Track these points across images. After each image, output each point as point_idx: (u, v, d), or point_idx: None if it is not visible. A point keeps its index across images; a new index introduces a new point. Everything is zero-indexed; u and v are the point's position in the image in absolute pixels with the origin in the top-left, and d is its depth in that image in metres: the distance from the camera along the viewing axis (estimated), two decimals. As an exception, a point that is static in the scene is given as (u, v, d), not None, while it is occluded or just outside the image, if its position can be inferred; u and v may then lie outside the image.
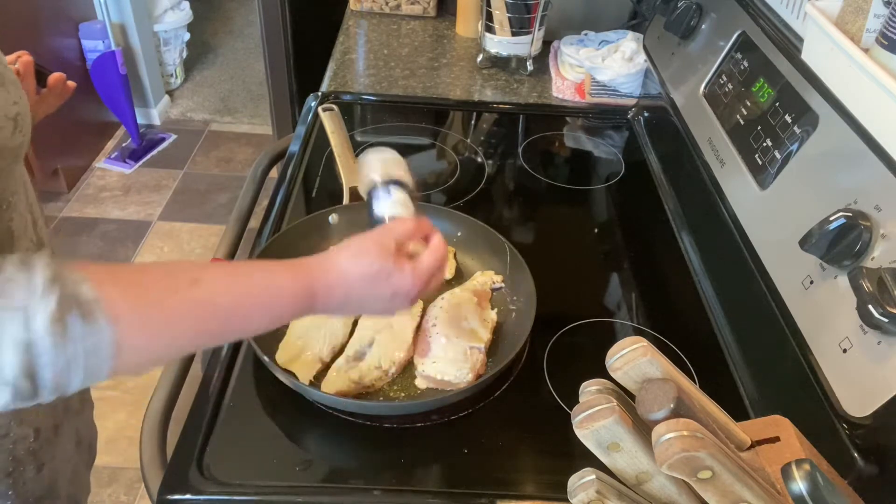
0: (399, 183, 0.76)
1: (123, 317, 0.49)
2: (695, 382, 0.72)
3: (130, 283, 0.52)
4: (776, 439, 0.54)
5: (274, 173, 1.25)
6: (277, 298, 0.59)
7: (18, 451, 0.78)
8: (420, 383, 0.83)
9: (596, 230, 1.15)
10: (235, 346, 0.86)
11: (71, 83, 0.87)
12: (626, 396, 0.52)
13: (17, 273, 0.47)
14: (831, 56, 0.74)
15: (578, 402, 0.52)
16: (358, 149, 1.24)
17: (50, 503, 0.85)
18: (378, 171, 0.77)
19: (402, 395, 0.82)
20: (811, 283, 0.70)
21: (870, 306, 0.57)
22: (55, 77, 0.84)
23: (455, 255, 1.00)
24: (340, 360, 0.83)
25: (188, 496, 0.70)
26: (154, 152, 3.03)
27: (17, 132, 0.67)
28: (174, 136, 3.15)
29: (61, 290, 0.47)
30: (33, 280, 0.46)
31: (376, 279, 0.63)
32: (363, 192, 0.78)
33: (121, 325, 0.49)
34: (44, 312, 0.45)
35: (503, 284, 0.96)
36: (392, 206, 0.74)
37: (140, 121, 3.07)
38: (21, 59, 0.81)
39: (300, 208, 1.12)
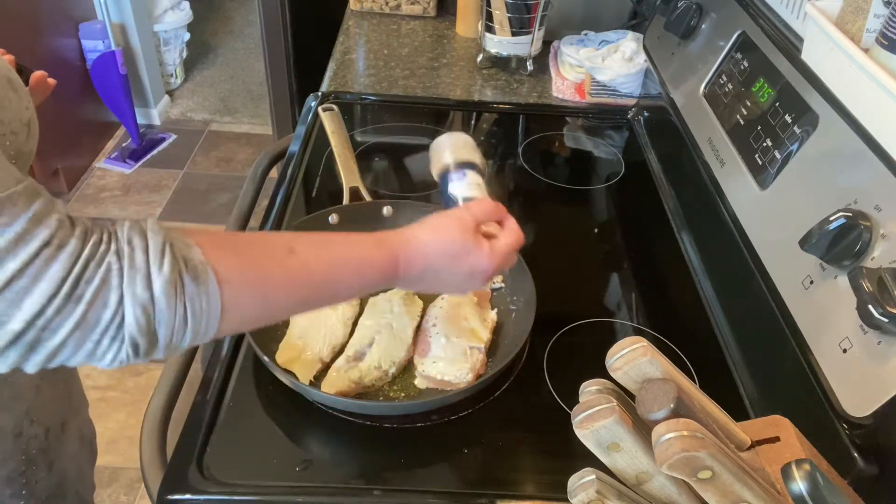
0: (472, 165, 0.78)
1: (230, 280, 0.52)
2: (695, 382, 0.72)
3: (233, 250, 0.55)
4: (776, 439, 0.54)
5: (274, 173, 1.25)
6: (366, 268, 0.62)
7: (31, 451, 0.78)
8: (420, 383, 0.83)
9: (596, 230, 1.15)
10: (235, 346, 0.86)
11: (51, 80, 0.87)
12: (626, 396, 0.52)
13: (135, 236, 0.49)
14: (831, 56, 0.74)
15: (578, 402, 0.52)
16: (358, 149, 1.24)
17: (60, 501, 0.86)
18: (451, 153, 0.78)
19: (402, 395, 0.82)
20: (811, 283, 0.70)
21: (870, 306, 0.57)
22: (37, 76, 0.84)
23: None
24: (340, 360, 0.83)
25: (188, 496, 0.70)
26: (154, 152, 3.03)
27: (30, 137, 0.67)
28: (174, 136, 3.15)
29: (175, 254, 0.49)
30: (150, 243, 0.49)
31: (457, 255, 0.66)
32: (436, 175, 0.80)
33: (228, 288, 0.51)
34: (162, 274, 0.48)
35: (503, 284, 0.96)
36: (467, 187, 0.76)
37: (140, 121, 3.07)
38: (4, 58, 0.80)
39: (300, 208, 1.12)
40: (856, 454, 0.63)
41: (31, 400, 0.78)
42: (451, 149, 0.79)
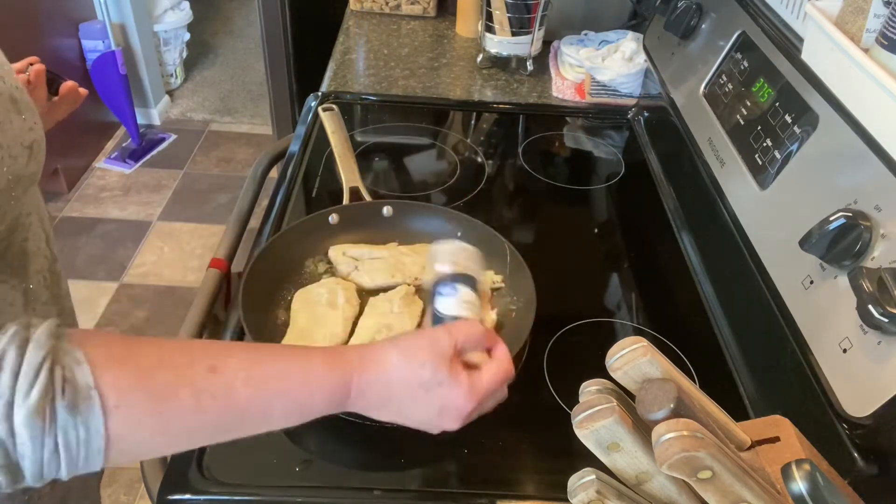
0: (468, 280, 0.68)
1: (120, 407, 0.45)
2: (695, 382, 0.72)
3: (137, 367, 0.47)
4: (776, 439, 0.54)
5: (274, 173, 1.25)
6: (307, 394, 0.53)
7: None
8: (420, 383, 0.83)
9: (596, 230, 1.15)
10: (235, 346, 0.86)
11: (83, 90, 0.86)
12: (626, 396, 0.52)
13: (11, 351, 0.43)
14: (831, 56, 0.74)
15: (578, 402, 0.52)
16: (358, 149, 1.24)
17: None
18: (447, 262, 0.69)
19: (402, 395, 0.82)
20: (811, 283, 0.70)
21: (870, 306, 0.57)
22: (67, 86, 0.83)
23: (455, 255, 1.00)
24: (340, 360, 0.83)
25: (188, 496, 0.70)
26: (154, 152, 3.03)
27: (31, 160, 0.64)
28: (174, 136, 3.15)
29: (52, 374, 0.43)
30: (26, 360, 0.43)
31: (425, 387, 0.56)
32: (427, 285, 0.71)
33: (115, 417, 0.45)
34: (27, 402, 0.42)
35: (503, 284, 0.96)
36: (457, 305, 0.66)
37: (140, 121, 3.07)
38: (34, 68, 0.79)
39: (300, 208, 1.12)
40: (856, 454, 0.63)
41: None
42: (447, 258, 0.69)
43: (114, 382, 0.45)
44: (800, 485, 0.47)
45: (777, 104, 0.85)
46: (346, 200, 1.05)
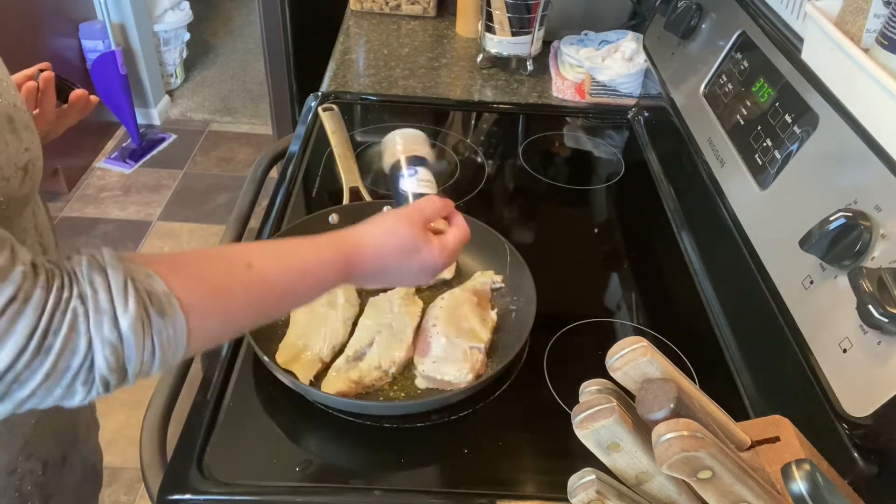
0: (423, 161, 0.80)
1: (194, 306, 0.52)
2: (695, 382, 0.72)
3: (192, 273, 0.55)
4: (776, 439, 0.54)
5: (274, 173, 1.25)
6: (322, 271, 0.63)
7: (25, 487, 0.76)
8: (420, 383, 0.83)
9: (596, 230, 1.15)
10: (235, 346, 0.86)
11: (94, 98, 0.86)
12: (626, 396, 0.52)
13: (96, 275, 0.49)
14: (831, 56, 0.74)
15: (578, 402, 0.52)
16: (358, 149, 1.24)
17: None
18: (402, 149, 0.80)
19: (402, 395, 0.82)
20: (811, 283, 0.70)
21: (870, 306, 0.57)
22: (77, 94, 0.82)
23: (455, 255, 1.00)
24: (340, 360, 0.83)
25: (188, 496, 0.70)
26: (154, 152, 3.03)
27: (26, 180, 0.64)
28: (174, 136, 3.15)
29: (137, 288, 0.49)
30: (111, 281, 0.49)
31: (408, 253, 0.68)
32: (387, 168, 0.81)
33: (192, 314, 0.52)
34: (128, 312, 0.48)
35: (503, 284, 0.96)
36: (417, 184, 0.78)
37: (140, 121, 3.07)
38: (42, 75, 0.79)
39: (300, 208, 1.12)
40: (856, 454, 0.63)
41: (27, 435, 0.75)
42: (402, 145, 0.80)
43: (182, 288, 0.52)
44: (800, 485, 0.47)
45: (777, 104, 0.85)
46: (346, 200, 1.05)
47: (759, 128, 0.88)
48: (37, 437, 0.77)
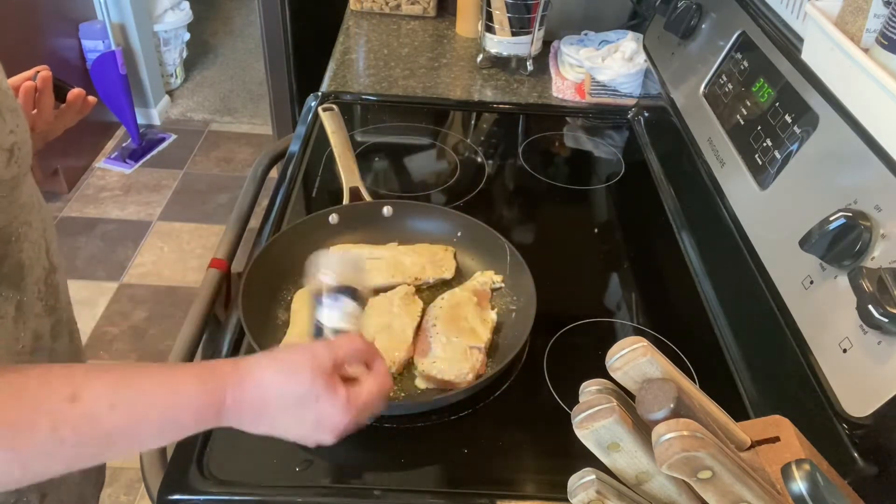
0: (350, 291, 0.67)
1: None
2: (695, 382, 0.72)
3: None
4: (776, 439, 0.54)
5: (274, 173, 1.25)
6: (174, 413, 0.52)
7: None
8: (420, 383, 0.83)
9: (596, 230, 1.15)
10: (235, 346, 0.86)
11: (91, 98, 0.85)
12: (626, 396, 0.52)
13: None
14: (831, 56, 0.74)
15: (578, 402, 0.52)
16: (358, 149, 1.24)
17: None
18: (330, 273, 0.67)
19: (402, 395, 0.82)
20: (811, 283, 0.70)
21: (870, 306, 0.57)
22: (74, 94, 0.82)
23: (455, 255, 1.00)
24: (340, 360, 0.83)
25: (188, 496, 0.70)
26: (154, 152, 3.03)
27: (12, 163, 0.62)
28: (174, 136, 3.15)
29: None
30: None
31: (302, 402, 0.55)
32: (310, 292, 0.70)
33: None
34: None
35: (503, 284, 0.96)
36: (338, 317, 0.65)
37: (140, 121, 3.07)
38: (40, 75, 0.79)
39: (300, 208, 1.12)
40: (856, 454, 0.63)
41: None
42: (329, 268, 0.68)
43: None
44: (800, 485, 0.47)
45: (777, 104, 0.85)
46: (346, 200, 1.05)
47: (759, 128, 0.88)
48: None
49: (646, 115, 1.40)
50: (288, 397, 0.55)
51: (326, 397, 0.56)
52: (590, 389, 0.54)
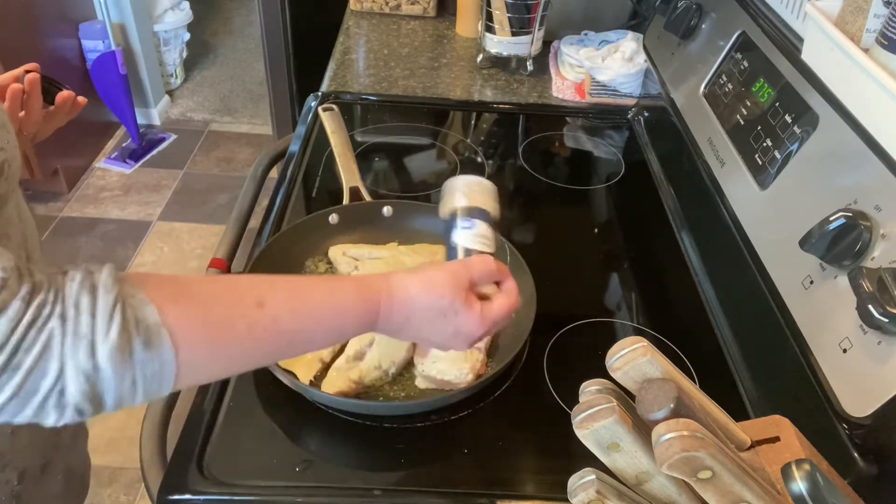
0: (484, 214, 0.71)
1: (187, 340, 0.49)
2: (695, 382, 0.72)
3: (194, 304, 0.51)
4: (776, 439, 0.54)
5: (274, 173, 1.25)
6: (340, 319, 0.59)
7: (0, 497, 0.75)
8: (420, 383, 0.83)
9: (596, 230, 1.15)
10: (235, 346, 0.86)
11: (81, 99, 0.84)
12: (626, 396, 0.52)
13: (84, 295, 0.46)
14: (831, 56, 0.74)
15: (578, 402, 0.52)
16: (358, 149, 1.24)
17: None
18: (465, 196, 0.71)
19: (402, 395, 0.82)
20: (811, 283, 0.70)
21: (870, 306, 0.57)
22: (63, 96, 0.81)
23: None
24: (340, 360, 0.83)
25: (188, 496, 0.70)
26: (154, 152, 3.03)
27: (1, 180, 0.62)
28: (174, 136, 3.15)
29: (125, 315, 0.46)
30: (99, 303, 0.46)
31: (443, 314, 0.62)
32: (443, 215, 0.73)
33: (184, 349, 0.48)
34: (108, 340, 0.45)
35: (503, 284, 0.96)
36: (473, 238, 0.69)
37: (140, 121, 3.07)
38: (28, 77, 0.77)
39: (300, 208, 1.12)
40: (856, 454, 0.63)
41: (3, 445, 0.73)
42: (464, 191, 0.71)
43: (178, 319, 0.49)
44: (800, 485, 0.47)
45: (777, 104, 0.85)
46: (346, 200, 1.05)
47: (759, 128, 0.88)
48: (14, 447, 0.75)
49: (646, 115, 1.40)
50: (431, 310, 0.62)
51: (464, 311, 0.62)
52: (590, 389, 0.54)
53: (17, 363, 0.43)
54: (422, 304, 0.61)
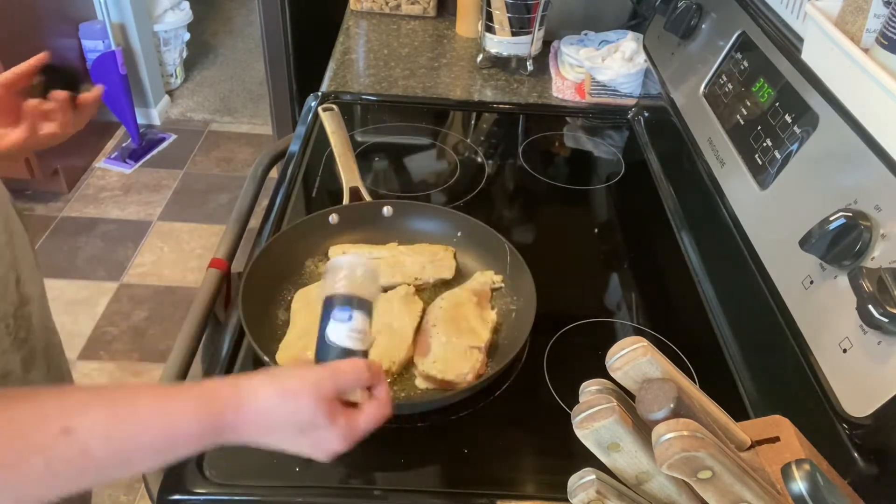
0: (364, 305, 0.64)
1: None
2: (695, 382, 0.72)
3: None
4: (776, 439, 0.54)
5: (274, 173, 1.25)
6: (171, 440, 0.51)
7: None
8: (420, 383, 0.83)
9: (596, 230, 1.15)
10: (235, 346, 0.86)
11: (98, 89, 0.82)
12: (626, 396, 0.52)
13: None
14: (831, 56, 0.74)
15: (578, 402, 0.52)
16: (358, 149, 1.24)
17: None
18: (345, 282, 0.64)
19: (402, 395, 0.82)
20: (811, 283, 0.70)
21: (870, 306, 0.57)
22: (90, 98, 0.79)
23: (455, 255, 1.00)
24: (340, 360, 0.83)
25: (188, 496, 0.70)
26: (154, 152, 3.03)
27: None
28: (174, 136, 3.15)
29: None
30: None
31: (301, 429, 0.55)
32: (322, 296, 0.66)
33: None
34: None
35: (503, 284, 0.96)
36: (349, 334, 0.63)
37: (140, 121, 3.07)
38: (54, 96, 0.76)
39: (300, 208, 1.12)
40: (856, 454, 0.63)
41: None
42: (346, 274, 0.64)
43: None
44: (800, 485, 0.47)
45: (777, 104, 0.85)
46: (346, 200, 1.05)
47: (759, 128, 0.88)
48: None
49: (646, 115, 1.40)
50: (288, 426, 0.55)
51: (326, 426, 0.56)
52: (590, 389, 0.54)
53: None
54: (277, 418, 0.54)
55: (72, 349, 2.16)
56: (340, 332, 0.62)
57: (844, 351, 0.63)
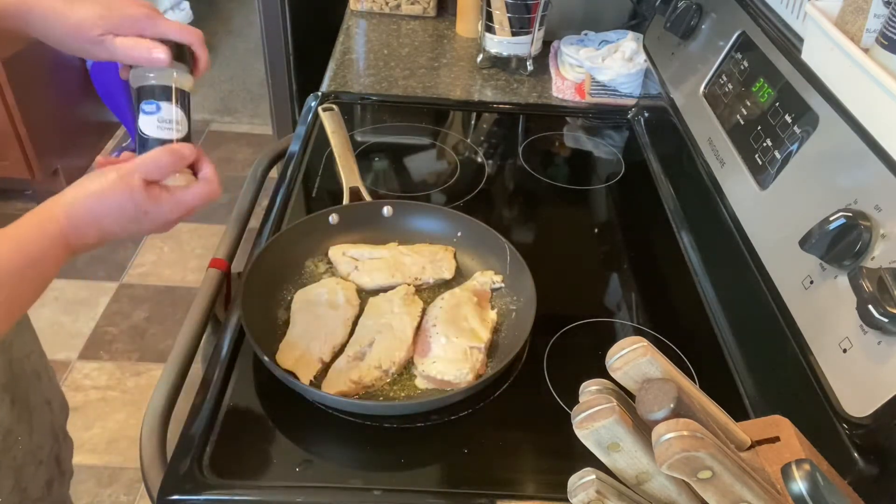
0: (168, 92, 0.66)
1: None
2: (695, 382, 0.72)
3: None
4: (776, 439, 0.54)
5: (274, 173, 1.25)
6: (42, 268, 0.58)
7: None
8: (420, 383, 0.83)
9: (596, 230, 1.15)
10: (235, 346, 0.86)
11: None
12: (626, 396, 0.52)
13: None
14: (831, 56, 0.74)
15: (578, 402, 0.52)
16: (358, 149, 1.24)
17: None
18: (153, 74, 0.65)
19: (402, 395, 0.82)
20: (811, 283, 0.70)
21: (870, 306, 0.57)
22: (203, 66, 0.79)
23: (455, 255, 1.00)
24: (340, 361, 0.83)
25: (188, 496, 0.70)
26: (154, 152, 3.02)
27: None
28: (174, 136, 3.15)
29: None
30: None
31: (133, 220, 0.63)
32: (131, 80, 0.67)
33: None
34: None
35: (503, 284, 0.96)
36: (159, 125, 0.65)
37: (140, 121, 3.07)
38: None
39: (300, 208, 1.12)
40: (856, 454, 0.63)
41: None
42: (154, 71, 0.65)
43: None
44: (800, 485, 0.47)
45: (777, 104, 0.85)
46: (346, 200, 1.05)
47: (759, 128, 0.88)
48: None
49: (646, 115, 1.40)
50: (121, 219, 0.62)
51: (153, 209, 0.63)
52: (590, 389, 0.54)
53: None
54: (105, 217, 0.61)
55: (72, 349, 2.16)
56: (150, 123, 0.66)
57: (844, 351, 0.63)
